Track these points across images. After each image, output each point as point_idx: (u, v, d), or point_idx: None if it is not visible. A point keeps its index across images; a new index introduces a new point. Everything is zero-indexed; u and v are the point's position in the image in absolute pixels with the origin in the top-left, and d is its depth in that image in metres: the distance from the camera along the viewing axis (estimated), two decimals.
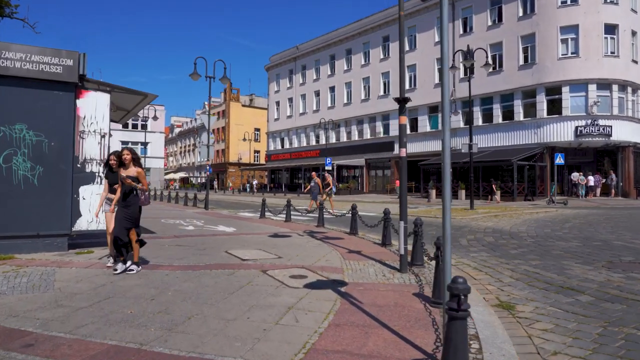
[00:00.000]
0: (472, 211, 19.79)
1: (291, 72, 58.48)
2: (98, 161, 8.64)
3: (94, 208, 8.57)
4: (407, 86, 43.75)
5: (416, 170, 42.84)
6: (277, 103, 60.71)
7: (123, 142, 68.60)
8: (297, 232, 12.01)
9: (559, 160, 27.38)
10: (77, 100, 8.48)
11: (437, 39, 41.50)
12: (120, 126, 68.14)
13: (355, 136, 49.15)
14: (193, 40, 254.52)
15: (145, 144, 49.25)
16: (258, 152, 74.05)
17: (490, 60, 37.84)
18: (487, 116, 37.87)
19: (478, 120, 38.23)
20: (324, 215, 14.01)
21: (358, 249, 9.00)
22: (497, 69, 37.04)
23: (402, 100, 7.35)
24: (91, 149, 8.56)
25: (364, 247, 9.40)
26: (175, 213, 19.19)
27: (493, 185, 33.25)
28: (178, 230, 11.99)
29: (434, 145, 41.18)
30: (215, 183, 67.94)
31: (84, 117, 8.53)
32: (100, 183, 8.67)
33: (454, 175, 36.56)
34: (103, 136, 8.70)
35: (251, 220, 16.02)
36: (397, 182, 43.71)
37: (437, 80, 41.24)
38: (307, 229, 12.69)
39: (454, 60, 22.88)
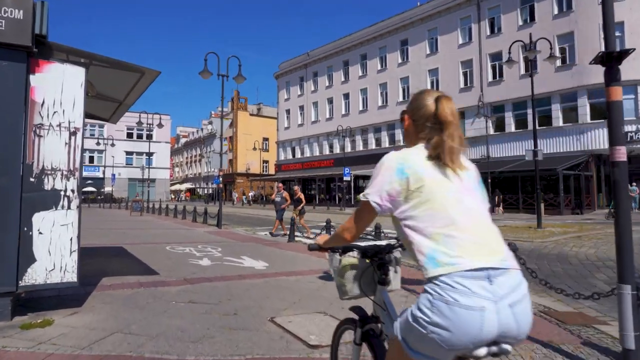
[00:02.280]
0: (546, 231, 16.33)
1: (302, 79, 55.37)
2: (65, 172, 5.33)
3: (58, 248, 5.26)
4: None
5: None
6: (287, 111, 57.52)
7: (127, 153, 65.81)
8: None
9: None
10: (32, 77, 5.19)
11: (460, 40, 38.35)
12: (124, 135, 65.57)
13: (372, 145, 45.83)
14: (198, 51, 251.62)
15: (150, 154, 46.02)
16: (267, 162, 70.75)
17: (522, 63, 34.78)
18: (521, 122, 34.52)
19: (510, 126, 34.97)
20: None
21: None
22: (531, 70, 33.74)
23: (614, 57, 4.06)
24: (54, 154, 5.26)
25: None
26: (183, 234, 15.84)
27: (497, 197, 30.24)
28: (190, 267, 8.60)
29: None
30: (235, 195, 64.41)
31: (43, 102, 5.22)
32: (69, 207, 5.36)
33: (489, 187, 33.21)
34: (74, 133, 5.38)
35: (279, 245, 12.66)
36: None
37: (462, 85, 38.03)
38: None
39: (509, 54, 19.49)
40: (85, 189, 59.47)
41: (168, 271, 8.05)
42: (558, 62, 32.67)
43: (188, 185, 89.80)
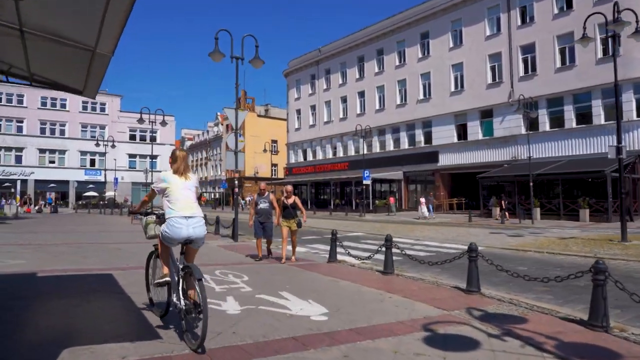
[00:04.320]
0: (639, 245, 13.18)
1: (313, 77, 52.31)
2: None
3: None
4: (452, 88, 37.65)
5: (469, 184, 36.44)
6: (298, 111, 54.44)
7: (130, 156, 62.67)
8: (461, 316, 5.53)
9: None
10: None
11: (488, 32, 35.26)
12: (127, 137, 62.50)
13: (390, 146, 42.66)
14: (202, 51, 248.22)
15: (154, 157, 43.02)
16: (275, 165, 67.58)
17: (557, 55, 31.64)
18: (556, 120, 31.39)
19: (544, 125, 31.83)
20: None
21: None
22: (568, 64, 30.67)
23: None
24: None
25: None
26: None
27: (502, 202, 27.39)
28: (209, 319, 5.45)
29: (487, 155, 34.66)
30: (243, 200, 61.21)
31: None
32: None
33: (524, 191, 30.08)
34: None
35: (319, 268, 9.55)
36: (392, 199, 37.96)
37: (489, 80, 34.94)
38: (462, 303, 6.19)
39: (584, 29, 16.21)
40: (86, 194, 56.60)
41: (176, 328, 4.93)
42: (599, 54, 29.67)
43: None
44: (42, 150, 58.18)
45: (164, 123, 28.59)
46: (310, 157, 52.51)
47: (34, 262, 9.67)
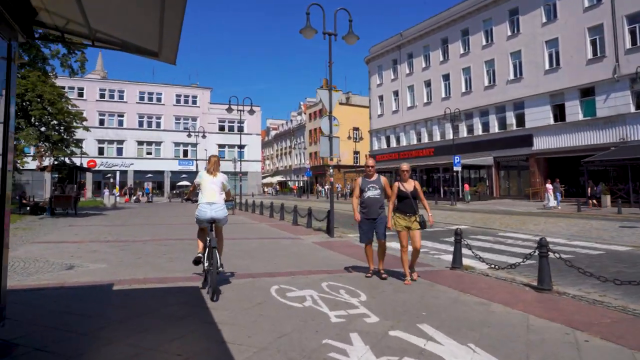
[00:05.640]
0: None
1: (395, 62, 49.43)
2: None
3: None
4: (546, 66, 33.66)
5: (568, 170, 32.66)
6: (380, 97, 51.83)
7: (220, 146, 62.99)
8: None
9: None
10: None
11: (587, 3, 30.88)
12: (216, 128, 62.81)
13: (478, 130, 39.15)
14: (283, 45, 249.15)
15: (241, 146, 42.22)
16: (357, 153, 65.45)
17: None
18: None
19: None
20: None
21: None
22: None
23: None
24: None
25: None
26: (288, 250, 10.90)
27: (589, 188, 25.49)
28: None
29: (589, 138, 30.49)
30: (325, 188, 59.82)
31: None
32: None
33: (638, 177, 26.10)
34: None
35: (444, 278, 7.38)
36: (467, 186, 34.79)
37: (590, 55, 30.67)
38: None
39: None
40: (180, 183, 57.55)
41: None
42: None
43: (279, 178, 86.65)
44: (140, 142, 59.77)
45: (251, 111, 27.44)
46: (393, 144, 49.87)
47: (114, 267, 8.24)
